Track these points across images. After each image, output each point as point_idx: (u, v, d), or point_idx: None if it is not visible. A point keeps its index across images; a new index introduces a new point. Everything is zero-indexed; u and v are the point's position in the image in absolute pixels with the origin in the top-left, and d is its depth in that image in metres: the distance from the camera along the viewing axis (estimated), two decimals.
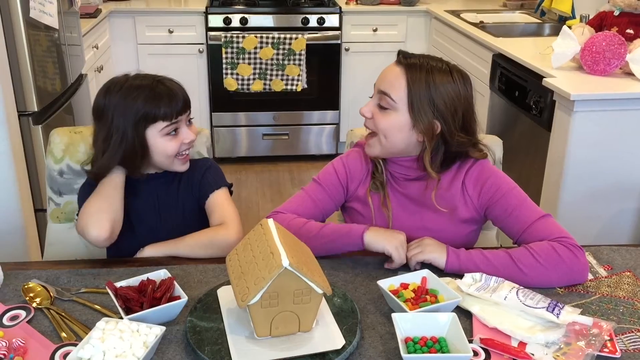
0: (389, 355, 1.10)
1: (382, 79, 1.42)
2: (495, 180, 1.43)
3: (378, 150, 1.44)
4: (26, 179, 2.34)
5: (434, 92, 1.36)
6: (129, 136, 1.42)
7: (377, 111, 1.42)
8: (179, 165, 1.51)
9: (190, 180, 1.55)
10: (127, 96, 1.42)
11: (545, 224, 1.37)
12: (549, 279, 1.30)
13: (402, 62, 1.40)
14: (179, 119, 1.46)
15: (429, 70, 1.37)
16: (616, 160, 2.32)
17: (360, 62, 3.97)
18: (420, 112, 1.36)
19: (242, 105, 3.92)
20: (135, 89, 1.43)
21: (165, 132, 1.44)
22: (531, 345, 1.12)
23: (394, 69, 1.40)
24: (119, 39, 3.78)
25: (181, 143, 1.47)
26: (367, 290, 1.29)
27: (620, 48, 2.35)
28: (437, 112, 1.37)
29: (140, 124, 1.42)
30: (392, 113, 1.39)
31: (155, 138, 1.44)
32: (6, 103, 2.17)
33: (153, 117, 1.42)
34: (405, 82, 1.37)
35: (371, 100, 1.44)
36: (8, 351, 1.07)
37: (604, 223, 2.40)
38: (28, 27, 2.26)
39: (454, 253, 1.34)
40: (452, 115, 1.38)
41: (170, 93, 1.44)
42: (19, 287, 1.27)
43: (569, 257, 1.30)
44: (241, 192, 3.68)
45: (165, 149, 1.46)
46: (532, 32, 3.53)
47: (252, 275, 1.07)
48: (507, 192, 1.41)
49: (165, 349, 1.10)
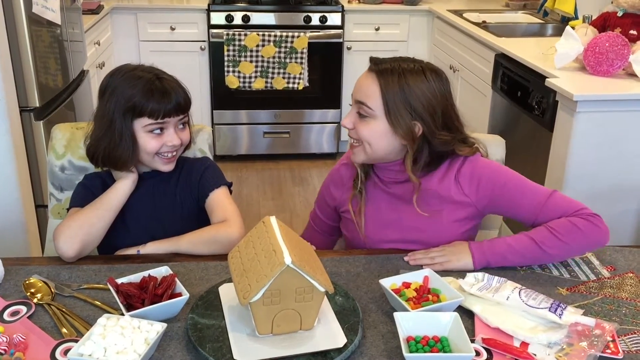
0: (390, 355, 1.09)
1: (358, 89, 1.42)
2: (492, 174, 1.42)
3: (363, 157, 1.43)
4: (27, 175, 2.34)
5: (409, 95, 1.35)
6: (116, 122, 1.42)
7: (357, 121, 1.41)
8: (160, 165, 1.48)
9: (189, 180, 1.54)
10: (126, 83, 1.42)
11: (555, 202, 1.38)
12: (573, 253, 1.39)
13: (373, 70, 1.40)
14: (166, 120, 1.43)
15: (401, 73, 1.36)
16: (618, 161, 2.32)
17: (362, 61, 3.93)
18: (398, 116, 1.36)
19: (244, 103, 3.91)
20: (136, 78, 1.42)
21: (149, 129, 1.43)
22: (533, 345, 1.11)
23: (367, 77, 1.40)
24: (121, 35, 3.77)
25: (163, 144, 1.44)
26: (369, 289, 1.28)
27: (623, 49, 2.35)
28: (415, 114, 1.36)
29: (127, 114, 1.42)
30: (372, 121, 1.38)
31: (139, 132, 1.43)
32: (8, 98, 2.17)
33: (140, 110, 1.41)
34: (378, 89, 1.37)
35: (351, 111, 1.43)
36: (9, 347, 1.07)
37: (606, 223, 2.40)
38: (30, 22, 2.26)
39: (478, 250, 1.36)
40: (431, 115, 1.37)
41: (164, 92, 1.42)
42: (20, 283, 1.27)
43: (589, 228, 1.34)
44: (242, 190, 3.68)
45: (145, 145, 1.44)
46: (534, 33, 3.53)
47: (254, 273, 1.06)
48: (507, 182, 1.41)
49: (167, 346, 1.10)
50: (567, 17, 3.37)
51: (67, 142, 1.65)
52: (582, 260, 1.41)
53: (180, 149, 1.50)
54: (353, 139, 1.44)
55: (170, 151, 1.47)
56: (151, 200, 1.52)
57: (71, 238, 1.37)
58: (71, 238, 1.37)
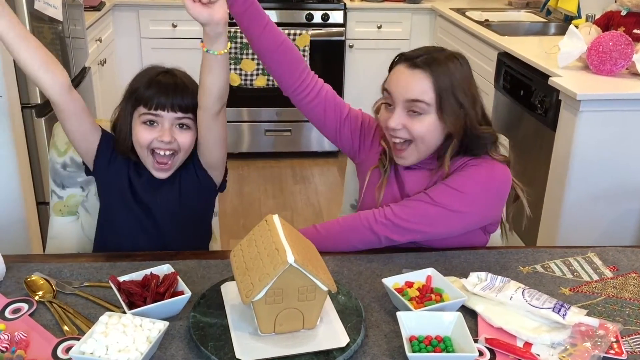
0: (393, 354, 1.09)
1: (404, 87, 1.36)
2: (461, 173, 1.39)
3: (415, 157, 1.41)
4: (28, 172, 2.34)
5: (455, 83, 1.35)
6: (124, 106, 1.46)
7: (407, 120, 1.37)
8: (152, 166, 1.44)
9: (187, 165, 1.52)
10: (141, 74, 1.46)
11: (414, 204, 1.38)
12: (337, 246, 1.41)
13: (414, 64, 1.36)
14: (159, 113, 1.40)
15: (442, 62, 1.35)
16: (622, 161, 2.32)
17: (364, 59, 3.96)
18: (448, 107, 1.34)
19: (245, 100, 3.91)
20: (148, 70, 1.46)
21: (143, 119, 1.42)
22: (537, 345, 1.11)
23: (411, 74, 1.36)
24: (122, 32, 3.77)
25: (154, 138, 1.41)
26: (372, 288, 1.28)
27: (627, 48, 2.34)
28: (460, 103, 1.35)
29: (129, 101, 1.44)
30: (425, 117, 1.36)
31: (136, 121, 1.44)
32: (9, 95, 2.17)
33: (138, 97, 1.42)
34: (430, 83, 1.34)
35: (395, 112, 1.38)
36: (10, 344, 1.06)
37: (609, 223, 2.40)
38: (32, 19, 2.26)
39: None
40: (472, 103, 1.37)
41: (166, 86, 1.41)
42: (21, 280, 1.26)
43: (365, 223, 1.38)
44: (243, 188, 3.67)
45: (137, 135, 1.43)
46: (537, 31, 3.52)
47: (257, 272, 1.06)
48: (443, 182, 1.39)
49: (169, 345, 1.09)
50: (570, 16, 3.36)
51: (68, 139, 1.64)
52: (585, 260, 1.41)
53: (178, 155, 1.45)
54: (401, 139, 1.39)
55: (162, 148, 1.41)
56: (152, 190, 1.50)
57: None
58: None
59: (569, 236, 2.36)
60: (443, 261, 1.38)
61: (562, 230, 2.37)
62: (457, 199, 1.36)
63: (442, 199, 1.36)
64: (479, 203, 1.39)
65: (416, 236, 1.39)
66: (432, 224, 1.37)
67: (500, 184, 1.39)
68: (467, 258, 1.40)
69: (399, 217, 1.37)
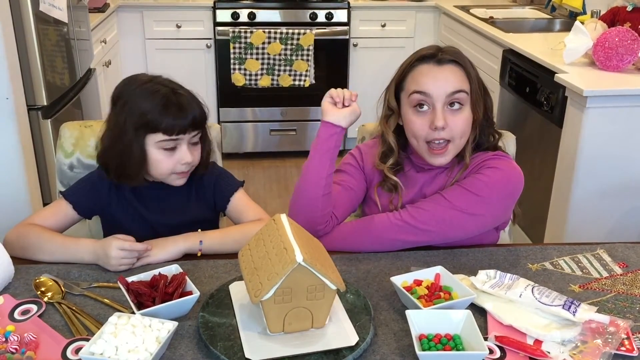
0: (402, 353, 1.09)
1: (444, 81, 1.36)
2: (477, 176, 1.38)
3: (453, 154, 1.40)
4: (35, 173, 2.34)
5: (476, 71, 1.41)
6: (128, 135, 1.38)
7: (449, 116, 1.36)
8: (174, 180, 1.45)
9: (202, 192, 1.52)
10: (141, 96, 1.38)
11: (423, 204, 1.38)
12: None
13: (444, 59, 1.38)
14: (180, 137, 1.39)
15: (460, 53, 1.41)
16: (628, 157, 2.31)
17: (369, 58, 3.95)
18: (477, 95, 1.39)
19: (250, 100, 3.91)
20: (152, 92, 1.38)
21: (162, 146, 1.39)
22: (547, 343, 1.10)
23: (445, 69, 1.37)
24: (127, 33, 3.77)
25: (177, 163, 1.41)
26: (380, 286, 1.28)
27: (633, 44, 2.33)
28: (483, 88, 1.42)
29: (141, 129, 1.38)
30: (465, 109, 1.38)
31: (152, 148, 1.39)
32: (15, 97, 2.17)
33: (155, 126, 1.37)
34: (464, 75, 1.38)
35: (438, 110, 1.35)
36: (20, 345, 1.06)
37: (616, 220, 2.39)
38: (38, 21, 2.26)
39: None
40: (485, 95, 1.42)
41: (181, 108, 1.38)
42: (30, 282, 1.26)
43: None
44: (248, 188, 3.65)
45: (158, 163, 1.40)
46: (542, 28, 3.51)
47: (266, 271, 1.06)
48: (460, 184, 1.39)
49: (178, 345, 1.09)
50: (574, 12, 3.35)
51: (75, 141, 1.64)
52: (594, 257, 1.40)
53: (191, 166, 1.46)
54: (441, 140, 1.37)
55: (184, 170, 1.43)
56: (158, 208, 1.50)
57: (10, 247, 1.32)
58: (10, 247, 1.32)
59: (577, 233, 2.35)
60: (451, 259, 1.38)
61: (570, 227, 2.37)
62: (474, 203, 1.36)
63: (460, 202, 1.36)
64: (496, 207, 1.39)
65: (431, 238, 1.39)
66: (449, 226, 1.37)
67: (515, 186, 1.40)
68: (476, 256, 1.40)
69: (415, 218, 1.37)
